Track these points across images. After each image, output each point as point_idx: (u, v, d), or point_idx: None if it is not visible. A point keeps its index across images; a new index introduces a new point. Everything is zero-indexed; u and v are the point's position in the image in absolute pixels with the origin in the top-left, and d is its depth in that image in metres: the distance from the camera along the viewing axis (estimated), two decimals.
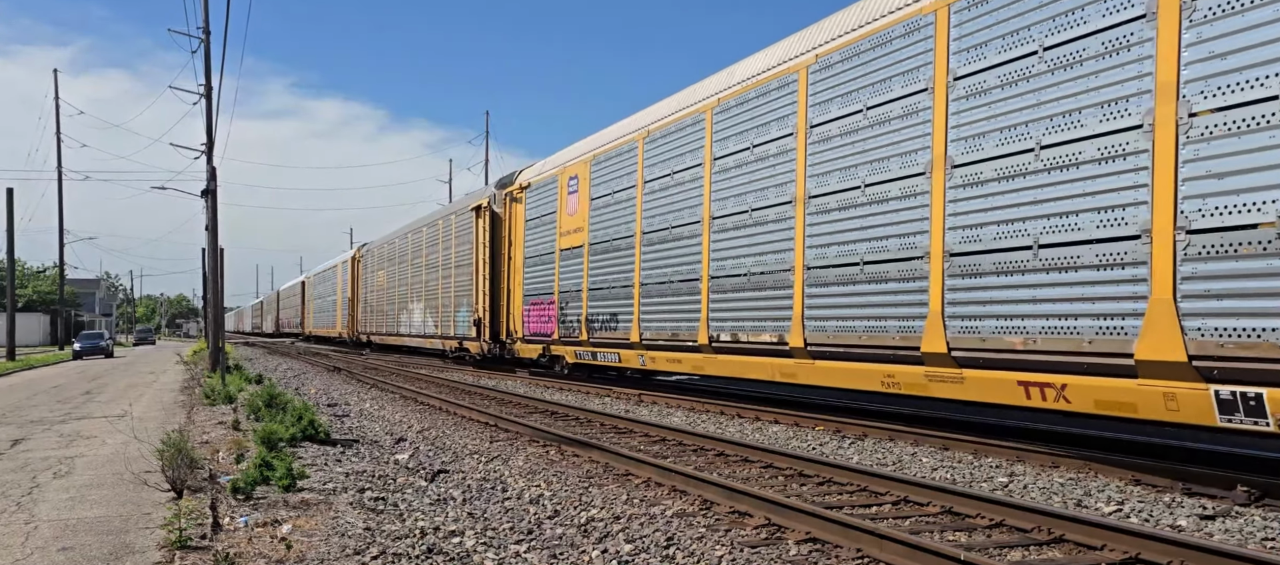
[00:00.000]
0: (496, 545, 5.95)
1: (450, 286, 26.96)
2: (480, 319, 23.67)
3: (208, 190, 23.90)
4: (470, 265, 24.61)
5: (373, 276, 40.05)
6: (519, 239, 21.40)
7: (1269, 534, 5.95)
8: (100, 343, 46.04)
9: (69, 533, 6.40)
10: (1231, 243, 6.86)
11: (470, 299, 24.59)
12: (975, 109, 9.09)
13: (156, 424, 12.81)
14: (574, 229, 18.35)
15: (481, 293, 23.58)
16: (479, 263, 23.82)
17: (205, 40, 25.00)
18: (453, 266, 26.74)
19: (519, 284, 21.26)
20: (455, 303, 26.48)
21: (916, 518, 6.53)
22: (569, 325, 18.37)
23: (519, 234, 21.42)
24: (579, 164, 18.39)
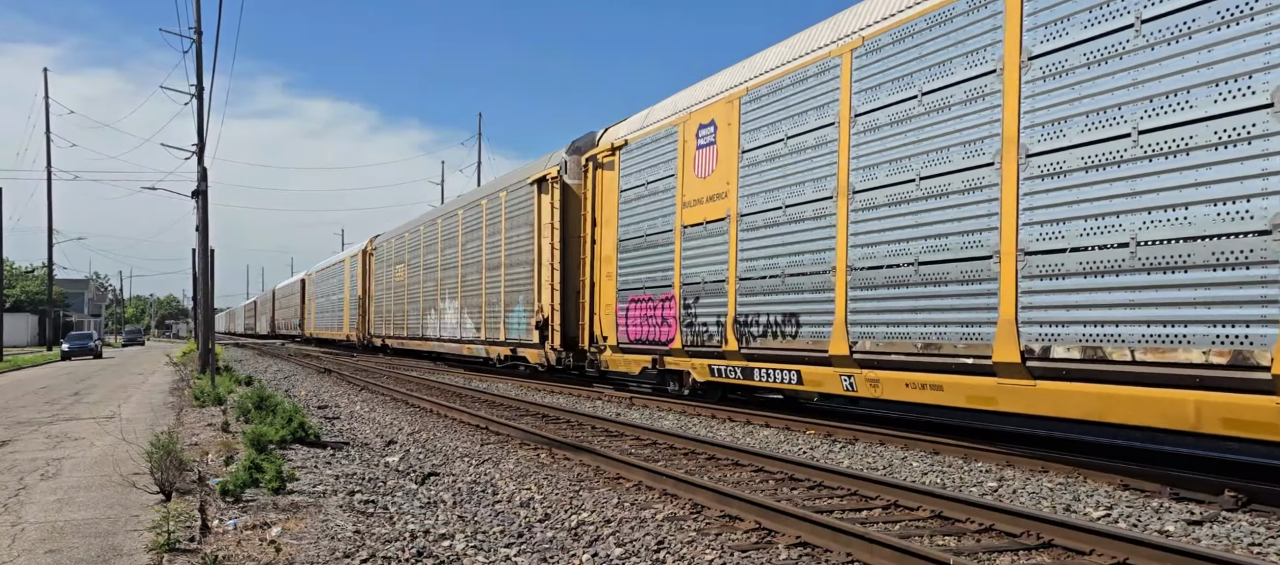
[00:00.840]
0: (487, 548, 5.94)
1: (499, 281, 22.06)
2: (545, 320, 18.83)
3: (199, 191, 23.81)
4: (529, 253, 20.02)
5: (389, 272, 34.69)
6: (609, 215, 16.51)
7: (1256, 539, 5.98)
8: (89, 343, 45.78)
9: (56, 535, 6.37)
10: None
11: (529, 295, 19.98)
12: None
13: (145, 425, 12.75)
14: (711, 196, 13.45)
15: (547, 287, 18.80)
16: (543, 249, 19.13)
17: (196, 40, 24.92)
18: (501, 256, 21.97)
19: (610, 275, 16.38)
20: (506, 300, 21.56)
21: (907, 522, 6.54)
22: (701, 329, 13.61)
23: (609, 209, 16.54)
24: (717, 106, 13.39)
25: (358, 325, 40.04)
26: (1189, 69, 7.19)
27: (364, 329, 38.89)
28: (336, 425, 13.03)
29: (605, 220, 16.69)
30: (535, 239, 19.66)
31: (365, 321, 38.86)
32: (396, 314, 33.24)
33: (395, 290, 33.50)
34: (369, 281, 38.30)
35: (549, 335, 18.73)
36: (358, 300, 39.92)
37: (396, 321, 33.21)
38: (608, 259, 16.47)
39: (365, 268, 38.94)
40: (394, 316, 33.62)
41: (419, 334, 29.82)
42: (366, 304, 38.66)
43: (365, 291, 38.90)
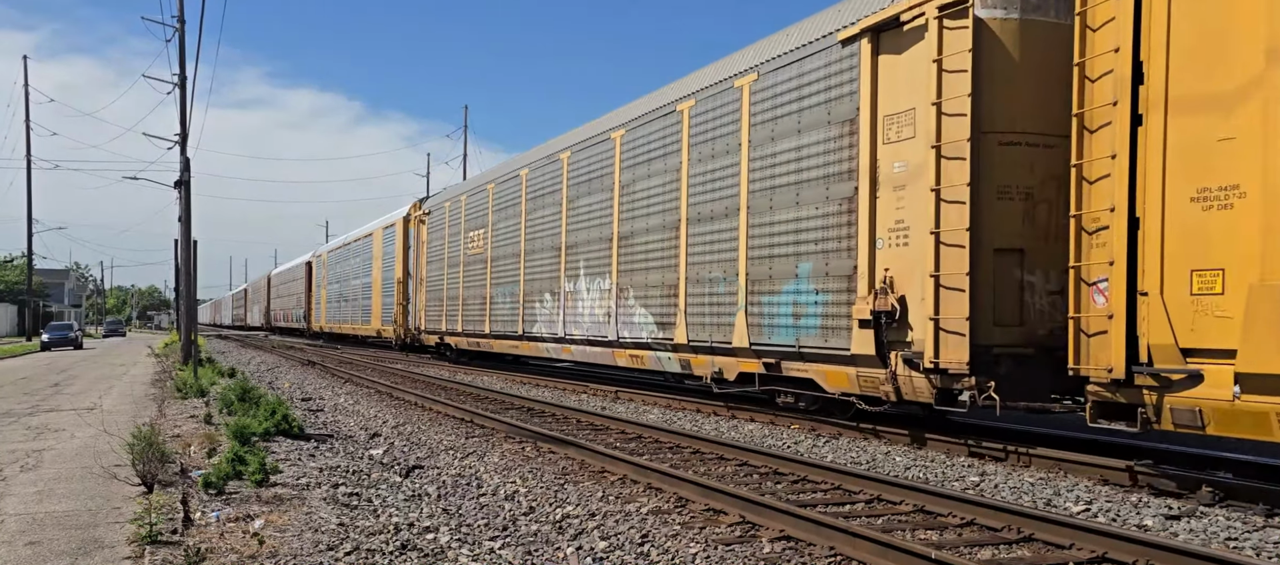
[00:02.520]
0: (471, 542, 5.94)
1: (756, 231, 11.77)
2: (897, 304, 9.25)
3: (181, 181, 23.62)
4: (846, 169, 10.21)
5: (454, 243, 24.07)
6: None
7: (1232, 534, 6.06)
8: (69, 334, 45.32)
9: (36, 527, 6.32)
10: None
11: (831, 252, 10.41)
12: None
13: (127, 417, 12.66)
14: None
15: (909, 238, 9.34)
16: (926, 159, 9.09)
17: (180, 29, 24.70)
18: (755, 188, 11.82)
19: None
20: (765, 270, 11.58)
21: (889, 516, 6.59)
22: None
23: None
24: None
25: (397, 317, 29.98)
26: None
27: (408, 322, 28.92)
28: (320, 418, 12.98)
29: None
30: (864, 142, 9.84)
31: (410, 312, 28.71)
32: (472, 301, 22.49)
33: (467, 268, 22.96)
34: (417, 258, 27.90)
35: (908, 333, 9.18)
36: (396, 284, 30.16)
37: (470, 313, 22.58)
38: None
39: (408, 240, 29.32)
40: (467, 305, 22.87)
41: (517, 331, 19.50)
42: (412, 289, 28.52)
43: (409, 272, 29.02)
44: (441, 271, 25.11)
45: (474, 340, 22.50)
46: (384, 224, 33.06)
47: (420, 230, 27.93)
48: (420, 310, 27.31)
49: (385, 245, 32.34)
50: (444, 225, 25.23)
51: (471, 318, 22.61)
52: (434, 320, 25.62)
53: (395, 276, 30.43)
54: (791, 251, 11.03)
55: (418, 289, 27.73)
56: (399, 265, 30.07)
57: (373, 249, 34.39)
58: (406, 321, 29.17)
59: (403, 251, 29.86)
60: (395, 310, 30.27)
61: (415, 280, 28.06)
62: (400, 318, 29.68)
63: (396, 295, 30.17)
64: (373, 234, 34.84)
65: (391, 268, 31.19)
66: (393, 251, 31.06)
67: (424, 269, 26.92)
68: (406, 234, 29.73)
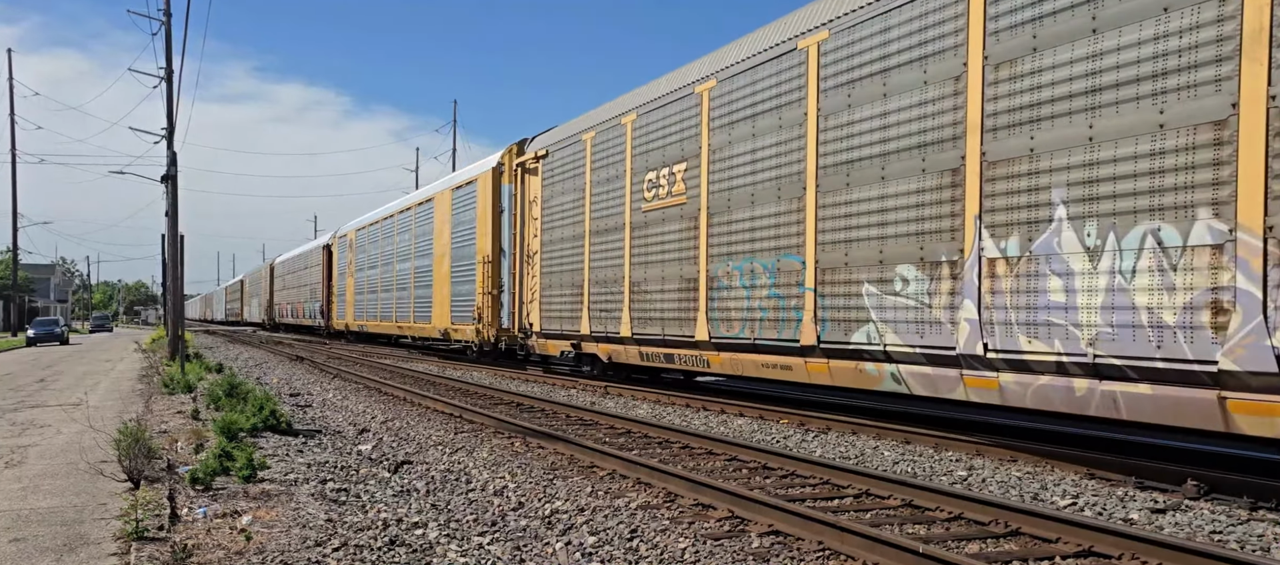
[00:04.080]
0: (460, 537, 5.93)
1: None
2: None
3: (168, 175, 23.46)
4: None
5: (607, 196, 15.83)
6: None
7: (1217, 527, 6.11)
8: (55, 329, 45.02)
9: (21, 523, 6.28)
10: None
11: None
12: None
13: (113, 413, 12.59)
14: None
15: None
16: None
17: (166, 22, 24.51)
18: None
19: None
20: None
21: (877, 510, 6.61)
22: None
23: None
24: None
25: (483, 313, 21.15)
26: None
27: (505, 319, 20.41)
28: (309, 413, 12.93)
29: None
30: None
31: (507, 304, 20.30)
32: (655, 285, 14.29)
33: (643, 233, 14.63)
34: (519, 225, 19.38)
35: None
36: (482, 265, 21.05)
37: (654, 303, 14.41)
38: None
39: (501, 201, 20.75)
40: (644, 293, 14.65)
41: (807, 339, 11.06)
42: (516, 269, 19.57)
43: (503, 248, 20.54)
44: (574, 241, 16.70)
45: (667, 351, 13.93)
46: (457, 182, 23.72)
47: (527, 183, 18.92)
48: (530, 302, 18.47)
49: (457, 211, 23.33)
50: (580, 169, 16.44)
51: (655, 310, 14.12)
52: (563, 316, 17.13)
53: (479, 254, 21.40)
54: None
55: (526, 269, 18.71)
56: (486, 238, 21.01)
57: (434, 220, 25.22)
58: (498, 318, 20.56)
59: (492, 218, 20.84)
60: (479, 302, 21.27)
61: (519, 257, 19.06)
62: (488, 313, 20.83)
63: (481, 281, 21.09)
64: (435, 199, 25.39)
65: (469, 242, 22.29)
66: (472, 219, 22.06)
67: (538, 238, 18.13)
68: (496, 193, 20.73)
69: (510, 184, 20.02)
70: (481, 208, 21.58)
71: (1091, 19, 7.72)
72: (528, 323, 18.68)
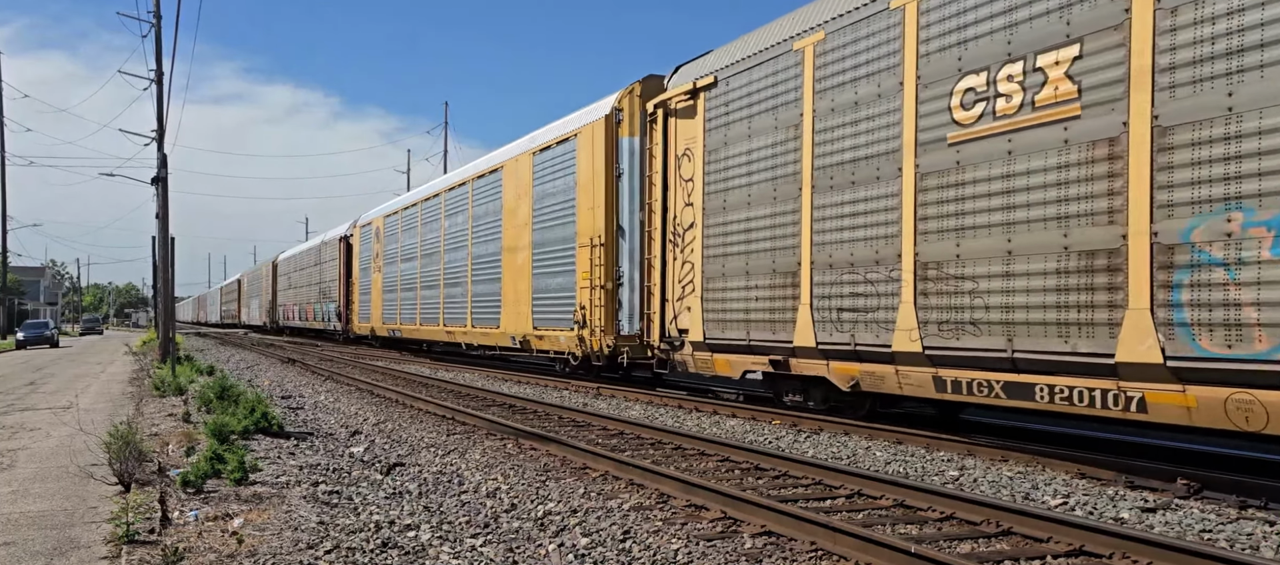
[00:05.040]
0: (452, 539, 5.92)
1: None
2: None
3: (158, 178, 23.37)
4: None
5: (839, 137, 10.23)
6: None
7: (1207, 526, 6.14)
8: (45, 332, 44.81)
9: (10, 527, 6.25)
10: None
11: None
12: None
13: (104, 416, 12.53)
14: None
15: None
16: None
17: (156, 25, 24.43)
18: None
19: None
20: None
21: (869, 510, 6.63)
22: None
23: None
24: None
25: (593, 314, 15.57)
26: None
27: (631, 321, 15.00)
28: (300, 415, 12.90)
29: None
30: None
31: (630, 303, 15.04)
32: (967, 265, 8.66)
33: (964, 175, 8.71)
34: (667, 194, 13.52)
35: None
36: (592, 248, 15.50)
37: (977, 293, 8.53)
38: None
39: (614, 162, 15.29)
40: (967, 275, 8.67)
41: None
42: (659, 254, 13.73)
43: (645, 223, 14.25)
44: (778, 203, 11.17)
45: (1018, 378, 8.29)
46: (541, 142, 17.73)
47: (672, 132, 13.24)
48: (681, 299, 12.98)
49: (542, 180, 17.62)
50: (787, 95, 11.08)
51: (990, 306, 8.52)
52: (748, 319, 11.70)
53: (581, 235, 15.98)
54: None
55: (671, 253, 13.35)
56: (595, 212, 15.39)
57: (504, 196, 19.40)
58: (614, 322, 15.11)
59: (605, 185, 15.15)
60: (581, 300, 15.80)
61: (662, 235, 13.55)
62: (599, 315, 15.24)
63: (587, 272, 15.53)
64: (504, 168, 19.60)
65: (563, 220, 16.64)
66: (568, 188, 16.47)
67: (697, 206, 12.64)
68: (612, 150, 15.07)
69: (634, 136, 14.55)
70: (586, 172, 15.66)
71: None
72: (676, 329, 12.97)
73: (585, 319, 15.58)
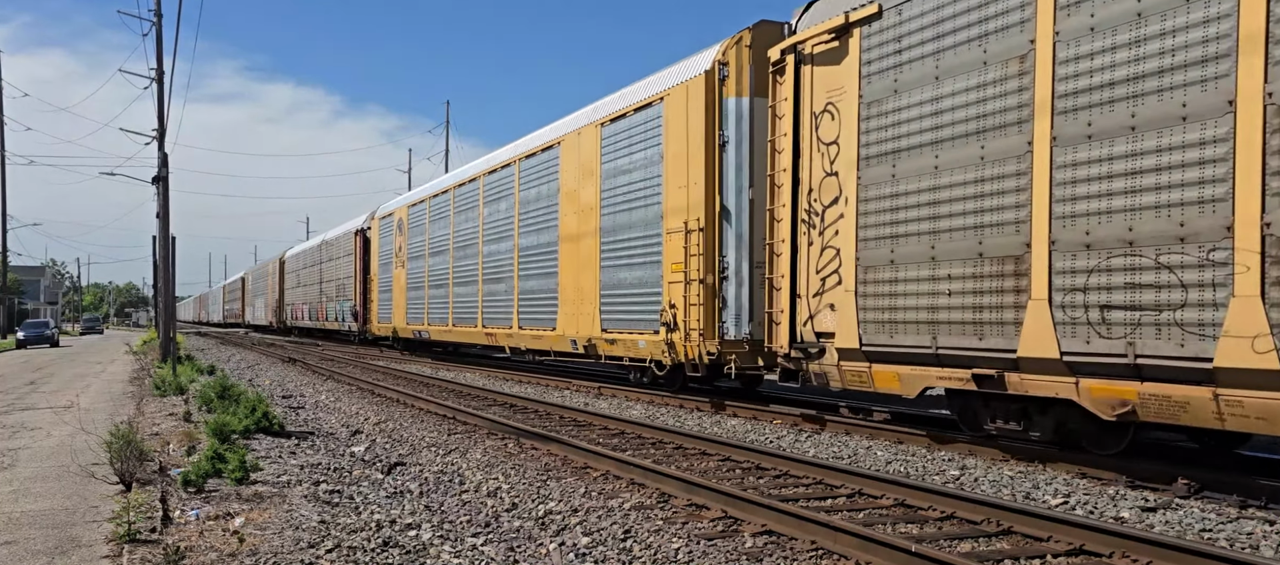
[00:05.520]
0: (454, 538, 5.93)
1: None
2: None
3: (159, 177, 23.38)
4: None
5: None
6: None
7: (1207, 526, 6.15)
8: (45, 331, 44.82)
9: (11, 526, 6.25)
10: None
11: None
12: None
13: (104, 415, 12.54)
14: None
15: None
16: None
17: (157, 23, 24.43)
18: None
19: None
20: None
21: (870, 510, 6.63)
22: None
23: None
24: None
25: (694, 313, 12.39)
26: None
27: (771, 323, 11.08)
28: (301, 415, 12.90)
29: None
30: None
31: (783, 299, 10.69)
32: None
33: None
34: (800, 163, 10.50)
35: None
36: (687, 234, 12.49)
37: None
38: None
39: (716, 129, 12.17)
40: None
41: None
42: (787, 239, 10.62)
43: (762, 201, 11.38)
44: (993, 163, 8.31)
45: None
46: (614, 110, 14.81)
47: (806, 85, 10.51)
48: (822, 294, 10.22)
49: (615, 154, 14.63)
50: (987, 19, 8.38)
51: None
52: (940, 319, 8.78)
53: (669, 218, 13.04)
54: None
55: (807, 235, 10.46)
56: (691, 190, 12.56)
57: (562, 176, 16.43)
58: (716, 323, 12.21)
59: (706, 156, 12.29)
60: (670, 298, 12.92)
61: (793, 216, 10.64)
62: (696, 315, 12.34)
63: (679, 261, 12.69)
64: (562, 144, 16.50)
65: (644, 201, 13.76)
66: (653, 161, 13.55)
67: (850, 174, 9.81)
68: (715, 114, 12.25)
69: (743, 96, 11.95)
70: (677, 142, 12.83)
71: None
72: (812, 332, 10.25)
73: (675, 320, 12.75)
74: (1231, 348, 6.42)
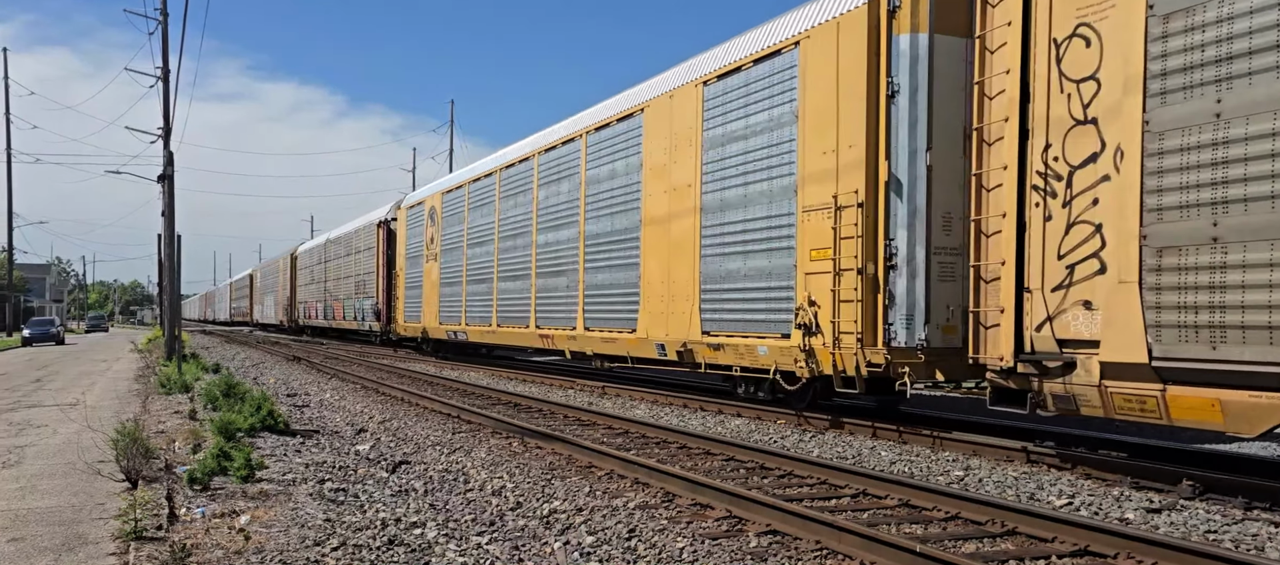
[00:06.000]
0: (458, 537, 5.94)
1: None
2: None
3: (165, 175, 23.43)
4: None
5: None
6: None
7: (1211, 527, 6.14)
8: (51, 329, 44.94)
9: (19, 523, 6.28)
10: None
11: None
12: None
13: (110, 413, 12.58)
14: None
15: None
16: None
17: (163, 22, 24.50)
18: None
19: None
20: None
21: (874, 510, 6.64)
22: None
23: None
24: None
25: (848, 314, 9.82)
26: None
27: (976, 324, 8.54)
28: (306, 413, 12.93)
29: None
30: None
31: (1010, 290, 8.09)
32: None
33: None
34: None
35: None
36: (837, 212, 9.99)
37: None
38: None
39: (880, 73, 9.72)
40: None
41: None
42: (1015, 216, 8.08)
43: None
44: None
45: None
46: (728, 62, 12.29)
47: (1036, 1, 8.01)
48: (1086, 286, 7.43)
49: (723, 117, 12.22)
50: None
51: None
52: None
53: (805, 191, 10.63)
54: None
55: (1041, 210, 7.92)
56: (847, 154, 10.06)
57: (645, 150, 14.02)
58: (879, 325, 9.71)
59: (867, 110, 9.92)
60: (807, 295, 10.37)
61: (1020, 183, 8.10)
62: (855, 314, 9.75)
63: (833, 246, 10.07)
64: (647, 111, 14.06)
65: (771, 172, 11.23)
66: (781, 120, 11.16)
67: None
68: (879, 57, 9.84)
69: (919, 33, 9.63)
70: (820, 95, 10.44)
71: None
72: (1053, 338, 7.74)
73: (815, 321, 10.20)
74: None
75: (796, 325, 10.46)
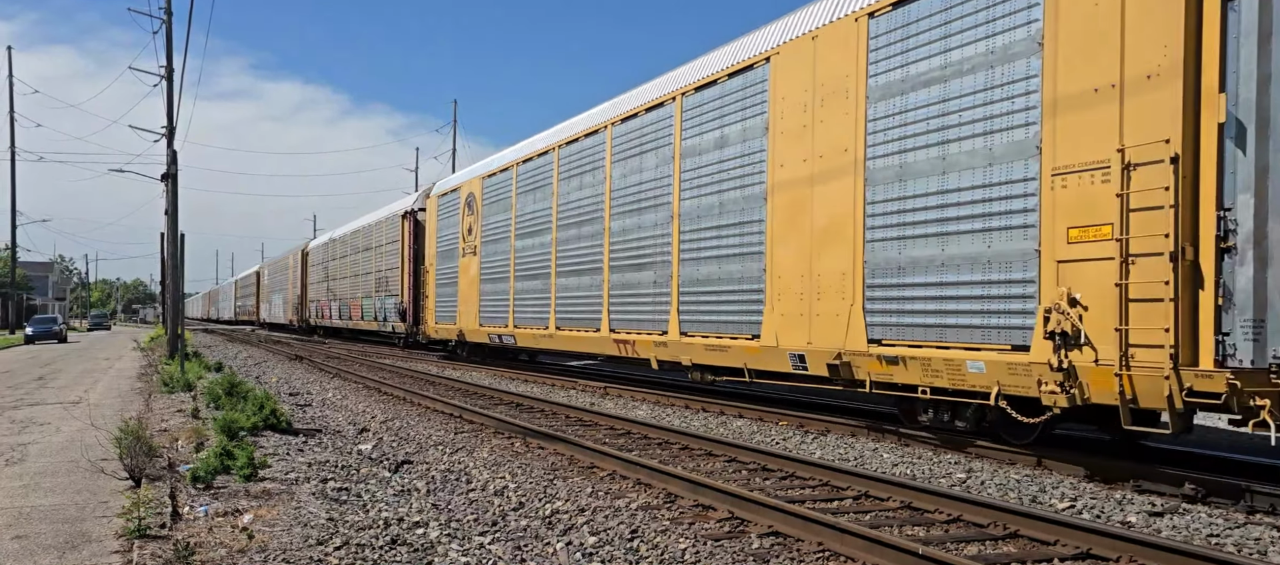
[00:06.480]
0: (461, 537, 5.95)
1: None
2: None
3: (168, 174, 23.47)
4: None
5: None
6: None
7: (1214, 530, 6.14)
8: (53, 327, 45.00)
9: (22, 521, 6.29)
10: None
11: None
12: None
13: (113, 411, 12.60)
14: None
15: None
16: None
17: (167, 21, 24.53)
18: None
19: None
20: None
21: (876, 512, 6.64)
22: None
23: None
24: None
25: (1135, 315, 6.95)
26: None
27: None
28: (309, 412, 12.95)
29: None
30: None
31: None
32: None
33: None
34: None
35: None
36: (1128, 169, 7.00)
37: None
38: None
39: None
40: None
41: None
42: None
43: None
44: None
45: None
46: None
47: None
48: None
49: (946, 33, 8.75)
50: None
51: None
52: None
53: (1102, 144, 7.29)
54: None
55: None
56: (1144, 94, 6.98)
57: (768, 112, 11.31)
58: (1208, 334, 6.67)
59: (1188, 24, 6.69)
60: (1087, 285, 7.37)
61: None
62: (1172, 318, 6.70)
63: (1119, 223, 7.07)
64: (772, 60, 11.22)
65: (996, 123, 8.25)
66: (1013, 46, 8.06)
67: None
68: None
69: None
70: (1082, 8, 7.51)
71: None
72: None
73: (1077, 329, 7.41)
74: None
75: (1046, 335, 7.64)
